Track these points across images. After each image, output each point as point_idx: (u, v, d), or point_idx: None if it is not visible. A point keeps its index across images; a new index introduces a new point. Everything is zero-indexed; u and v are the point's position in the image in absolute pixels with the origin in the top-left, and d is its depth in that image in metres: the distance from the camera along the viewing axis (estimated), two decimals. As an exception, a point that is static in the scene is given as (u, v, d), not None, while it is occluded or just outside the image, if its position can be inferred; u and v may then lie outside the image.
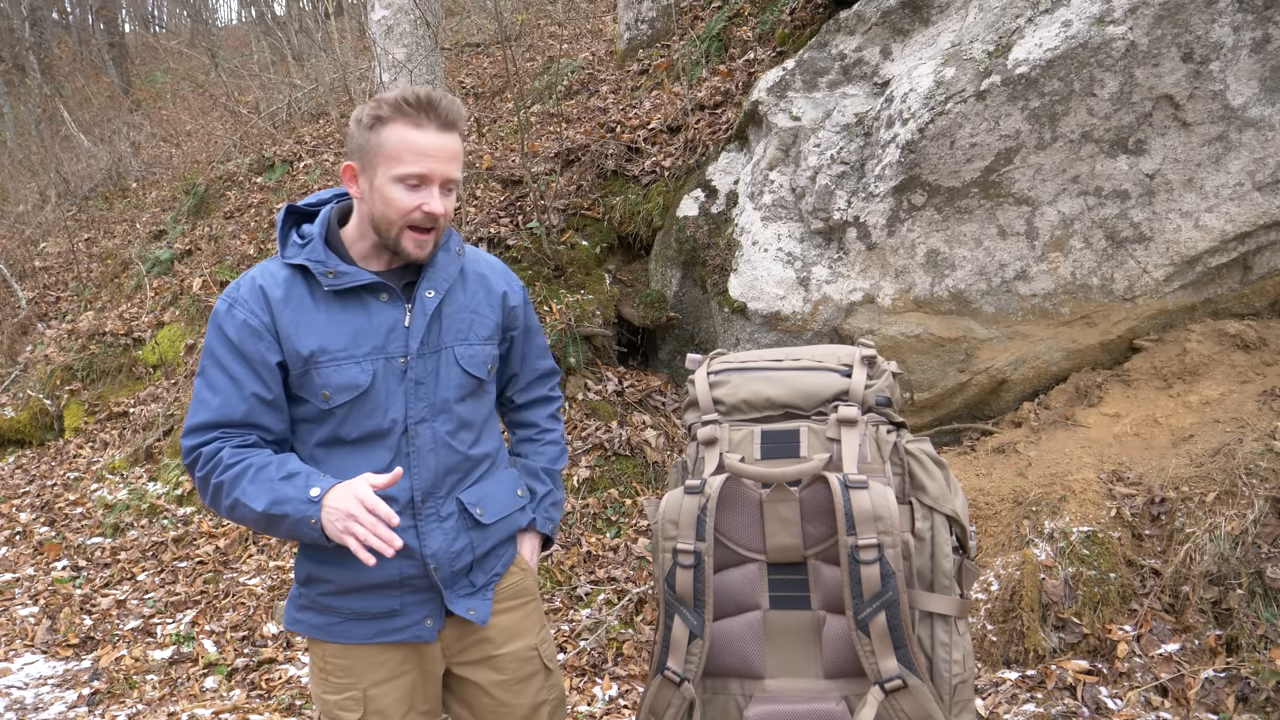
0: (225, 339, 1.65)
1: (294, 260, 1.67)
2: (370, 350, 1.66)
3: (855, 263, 3.75)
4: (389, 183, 1.59)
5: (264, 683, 3.67)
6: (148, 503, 5.41)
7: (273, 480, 1.56)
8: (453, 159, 1.61)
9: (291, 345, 1.64)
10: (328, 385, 1.64)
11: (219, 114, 11.22)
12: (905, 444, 1.60)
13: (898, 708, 1.48)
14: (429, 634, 1.73)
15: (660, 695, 1.60)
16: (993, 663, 2.99)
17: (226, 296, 1.68)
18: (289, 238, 1.73)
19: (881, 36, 3.98)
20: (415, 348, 1.68)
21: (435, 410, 1.71)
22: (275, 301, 1.65)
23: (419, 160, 1.58)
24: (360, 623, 1.72)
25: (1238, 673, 2.71)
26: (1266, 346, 3.48)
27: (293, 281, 1.67)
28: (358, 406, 1.65)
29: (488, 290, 1.82)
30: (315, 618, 1.74)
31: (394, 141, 1.58)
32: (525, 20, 9.90)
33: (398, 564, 1.68)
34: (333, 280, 1.65)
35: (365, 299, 1.67)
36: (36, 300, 8.73)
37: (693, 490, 1.56)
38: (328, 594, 1.72)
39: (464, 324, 1.76)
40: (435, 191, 1.61)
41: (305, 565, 1.73)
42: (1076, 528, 3.09)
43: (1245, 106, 3.30)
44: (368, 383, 1.65)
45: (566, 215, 5.07)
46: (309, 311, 1.66)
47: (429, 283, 1.71)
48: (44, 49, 16.18)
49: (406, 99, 1.58)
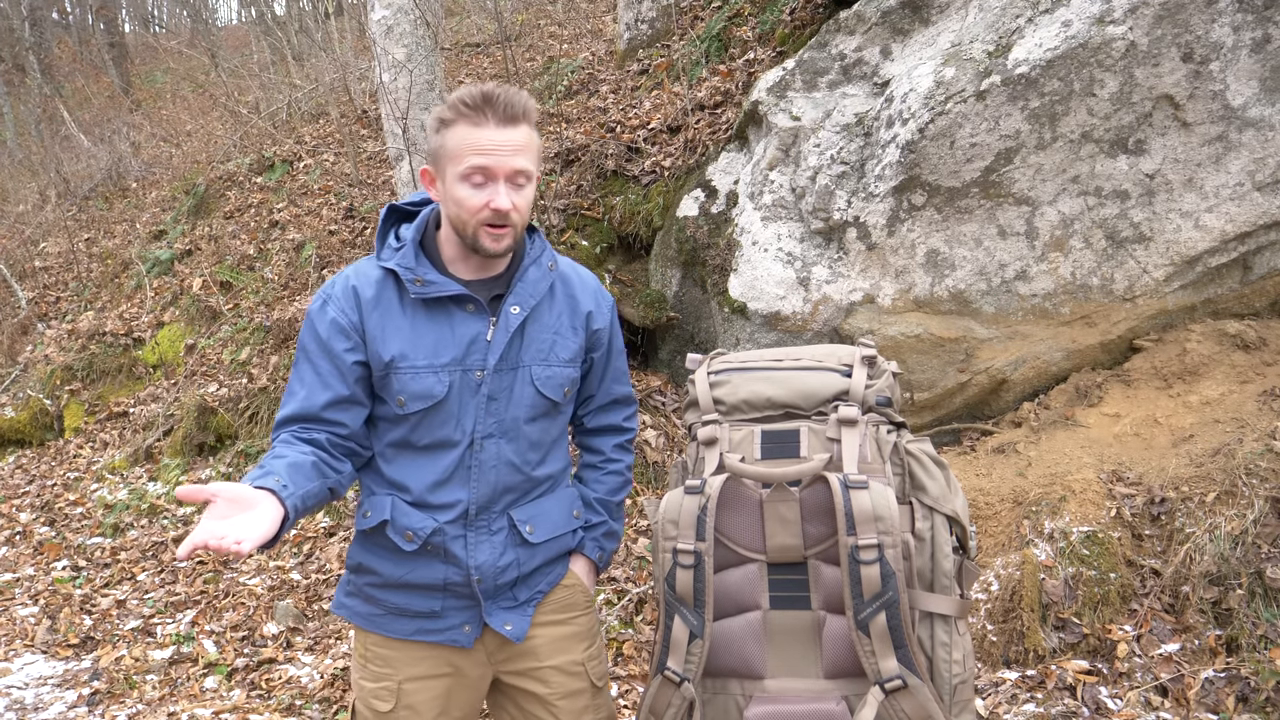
0: (316, 335, 1.68)
1: (386, 264, 1.68)
2: (449, 361, 1.66)
3: (855, 263, 3.75)
4: (456, 183, 1.60)
5: (264, 683, 3.67)
6: (148, 503, 5.41)
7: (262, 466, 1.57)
8: (517, 151, 1.60)
9: (375, 348, 1.66)
10: (404, 392, 1.65)
11: (219, 114, 11.22)
12: (905, 444, 1.60)
13: (898, 708, 1.48)
14: (465, 640, 1.74)
15: (660, 695, 1.60)
16: (993, 663, 2.99)
17: (323, 293, 1.70)
18: (386, 239, 1.74)
19: (881, 36, 3.98)
20: (493, 363, 1.67)
21: (504, 428, 1.71)
22: (365, 302, 1.67)
23: (479, 156, 1.58)
24: (402, 619, 1.74)
25: (1238, 673, 2.71)
26: (1266, 346, 3.48)
27: (384, 284, 1.68)
28: (430, 415, 1.67)
29: (573, 310, 1.79)
30: (361, 605, 1.77)
31: (455, 142, 1.60)
32: (525, 20, 9.90)
33: (443, 569, 1.71)
34: (420, 289, 1.65)
35: (450, 309, 1.68)
36: (36, 300, 8.73)
37: (693, 490, 1.56)
38: (374, 585, 1.74)
39: (545, 344, 1.74)
40: (501, 187, 1.59)
41: (357, 553, 1.76)
42: (1076, 528, 3.09)
43: (1245, 106, 3.30)
44: (443, 394, 1.66)
45: (566, 215, 5.07)
46: (395, 316, 1.67)
47: (515, 298, 1.70)
48: (44, 49, 16.18)
49: (465, 99, 1.59)
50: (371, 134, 8.34)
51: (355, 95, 9.11)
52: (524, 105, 1.61)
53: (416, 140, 5.69)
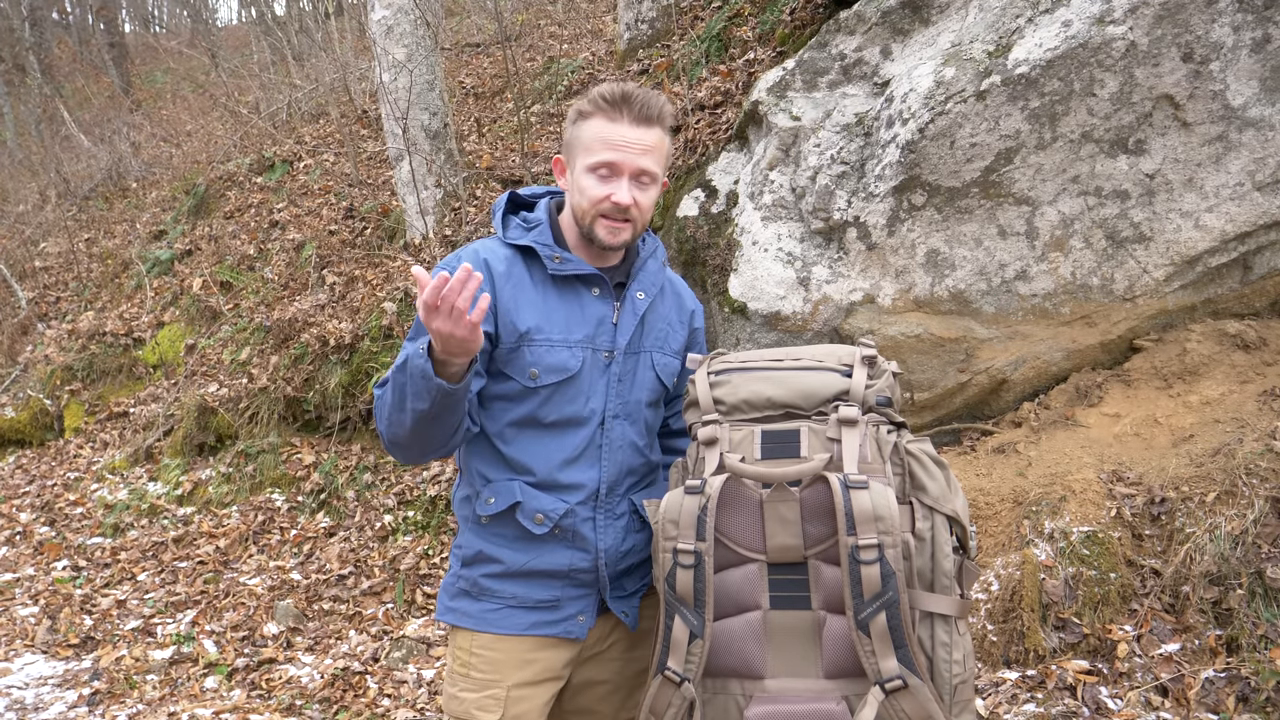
0: None
1: (519, 241, 1.71)
2: (581, 339, 1.70)
3: (855, 263, 3.75)
4: (583, 173, 1.65)
5: (264, 683, 3.67)
6: (148, 503, 5.41)
7: None
8: (646, 152, 1.64)
9: (509, 319, 1.67)
10: (538, 364, 1.67)
11: (219, 114, 11.22)
12: (905, 444, 1.60)
13: (898, 708, 1.48)
14: (580, 630, 1.73)
15: (660, 695, 1.60)
16: (993, 663, 2.99)
17: (445, 264, 1.68)
18: (509, 221, 1.77)
19: (881, 36, 3.98)
20: (623, 344, 1.73)
21: (628, 409, 1.75)
22: (498, 274, 1.68)
23: (608, 150, 1.63)
24: (518, 611, 1.71)
25: (1238, 673, 2.71)
26: (1266, 346, 3.48)
27: (514, 260, 1.71)
28: (561, 390, 1.68)
29: (680, 306, 1.88)
30: (470, 604, 1.74)
31: (589, 134, 1.65)
32: (525, 20, 9.90)
33: (569, 554, 1.70)
34: (558, 265, 1.69)
35: (579, 289, 1.72)
36: (36, 300, 8.73)
37: (693, 490, 1.56)
38: (492, 575, 1.72)
39: (662, 333, 1.81)
40: (624, 183, 1.64)
41: (474, 542, 1.74)
42: (1076, 528, 3.09)
43: (1245, 106, 3.30)
44: (577, 368, 1.68)
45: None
46: (527, 290, 1.69)
47: (639, 285, 1.77)
48: (44, 49, 16.18)
49: (604, 95, 1.64)
50: (371, 134, 8.34)
51: (355, 95, 9.11)
52: (660, 108, 1.67)
53: (416, 140, 5.68)
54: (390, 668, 3.69)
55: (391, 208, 6.64)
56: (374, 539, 4.61)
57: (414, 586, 4.22)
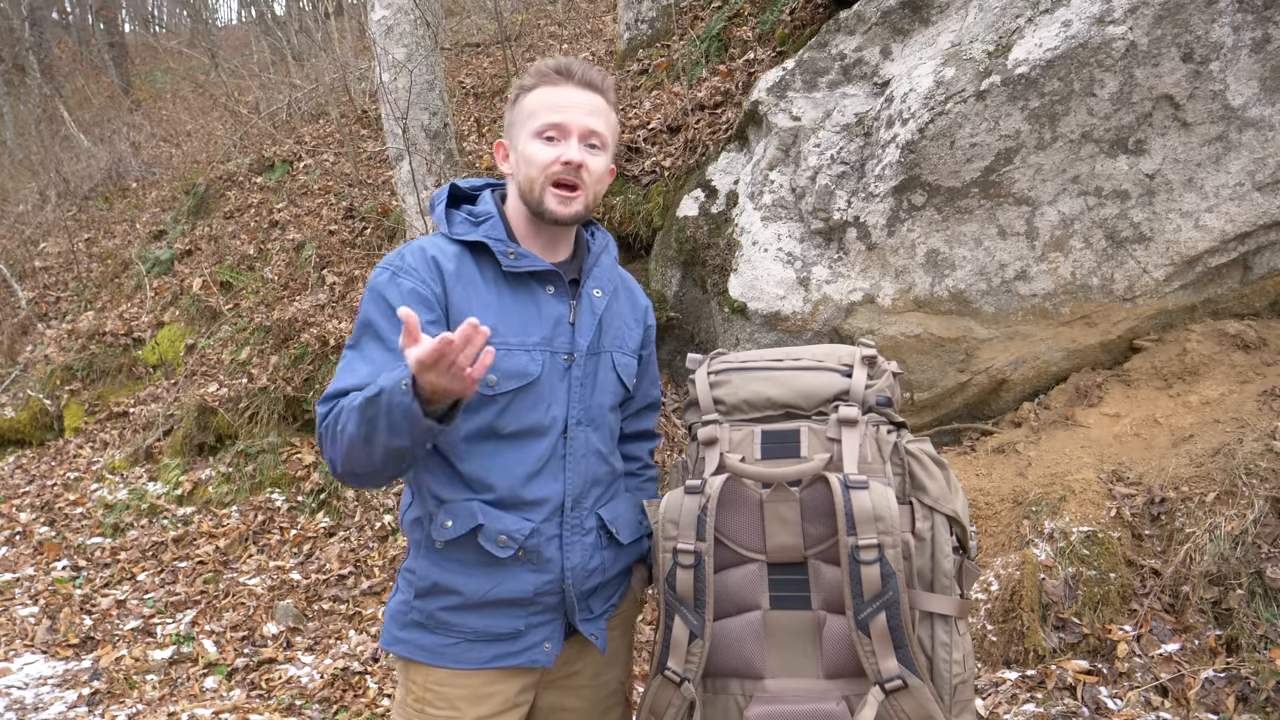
0: (387, 308, 1.52)
1: (468, 237, 1.59)
2: (539, 341, 1.59)
3: (855, 263, 3.75)
4: (529, 140, 1.56)
5: (264, 683, 3.67)
6: (148, 503, 5.41)
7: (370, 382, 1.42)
8: (592, 113, 1.56)
9: (462, 321, 1.48)
10: (495, 370, 1.54)
11: (219, 114, 11.22)
12: (905, 444, 1.60)
13: (898, 708, 1.48)
14: (546, 659, 1.62)
15: (660, 695, 1.60)
16: (993, 663, 2.99)
17: (388, 265, 1.57)
18: (454, 215, 1.64)
19: (881, 36, 3.98)
20: (584, 345, 1.62)
21: (590, 415, 1.64)
22: (448, 274, 1.56)
23: (554, 111, 1.55)
24: (479, 645, 1.58)
25: (1238, 673, 2.71)
26: (1266, 346, 3.48)
27: (462, 258, 1.59)
28: (521, 397, 1.56)
29: (634, 304, 1.78)
30: (425, 638, 1.59)
31: (533, 103, 1.57)
32: (525, 20, 9.89)
33: (533, 577, 1.58)
34: (513, 261, 1.57)
35: (533, 288, 1.60)
36: (36, 300, 8.73)
37: (693, 490, 1.56)
38: (451, 609, 1.58)
39: (620, 331, 1.72)
40: (574, 142, 1.55)
41: (429, 572, 1.59)
42: (1076, 528, 3.09)
43: (1245, 106, 3.30)
44: (537, 373, 1.57)
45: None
46: (480, 290, 1.57)
47: (595, 282, 1.66)
48: (44, 49, 16.18)
49: (545, 65, 1.58)
50: (371, 134, 8.34)
51: (355, 95, 9.11)
52: (603, 79, 1.60)
53: (416, 140, 5.68)
54: (390, 668, 3.68)
55: (391, 208, 6.64)
56: (374, 539, 4.61)
57: (414, 586, 4.21)
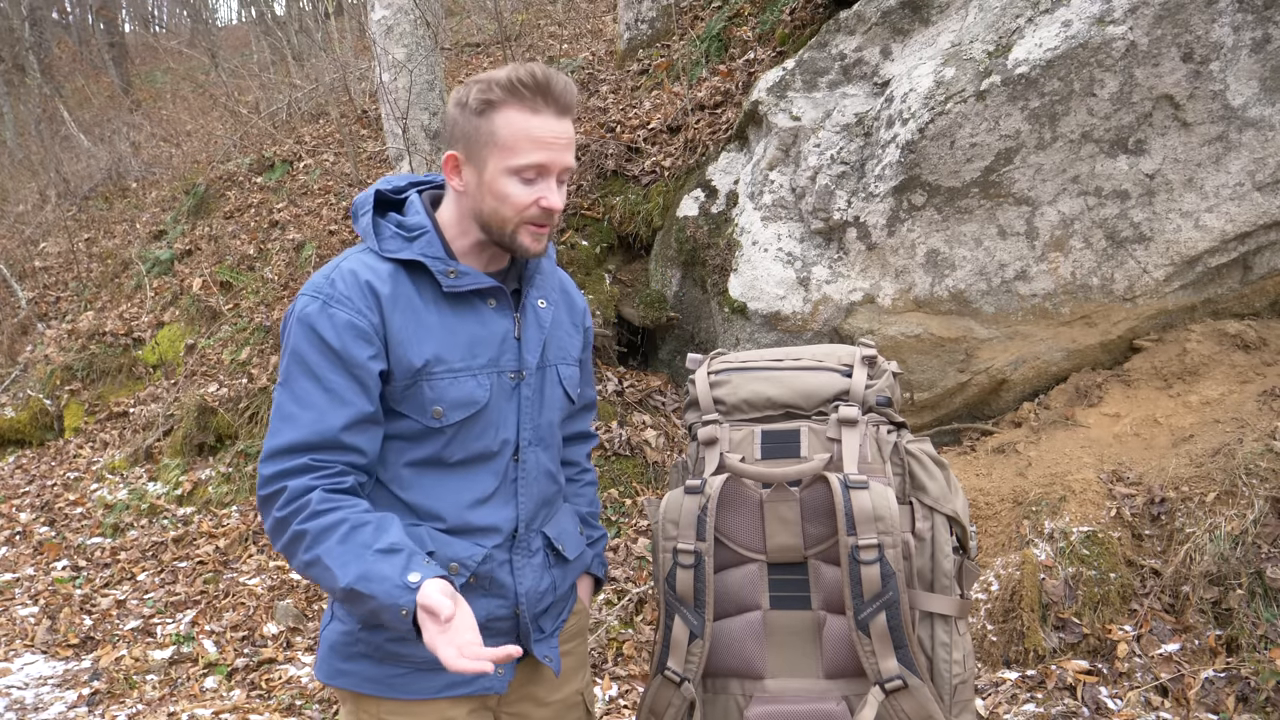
0: (321, 343, 1.40)
1: (400, 255, 1.45)
2: (486, 363, 1.48)
3: (855, 263, 3.75)
4: (502, 175, 1.41)
5: (264, 683, 3.67)
6: (148, 503, 5.41)
7: (367, 548, 1.31)
8: (569, 146, 1.43)
9: (402, 352, 1.42)
10: (441, 401, 1.44)
11: (219, 114, 11.22)
12: (906, 444, 1.60)
13: (898, 708, 1.48)
14: (499, 685, 1.53)
15: (660, 695, 1.60)
16: (993, 663, 2.99)
17: (317, 293, 1.42)
18: (382, 228, 1.49)
19: (881, 36, 3.98)
20: (532, 361, 1.52)
21: (540, 434, 1.56)
22: (384, 299, 1.42)
23: (537, 150, 1.39)
24: (429, 674, 1.48)
25: (1238, 673, 2.71)
26: (1266, 346, 3.48)
27: (396, 278, 1.45)
28: (468, 426, 1.47)
29: (571, 307, 1.67)
30: (372, 669, 1.50)
31: (508, 130, 1.39)
32: (525, 20, 9.89)
33: (486, 603, 1.51)
34: (454, 281, 1.45)
35: (476, 304, 1.49)
36: (36, 300, 8.73)
37: (693, 490, 1.56)
38: (398, 639, 1.46)
39: (562, 341, 1.62)
40: (553, 184, 1.43)
41: None
42: (1076, 528, 3.09)
43: (1245, 106, 3.30)
44: (485, 399, 1.47)
45: (566, 215, 5.07)
46: (419, 314, 1.45)
47: (539, 291, 1.56)
48: (44, 49, 16.18)
49: (521, 80, 1.39)
50: (371, 134, 8.34)
51: (355, 95, 9.11)
52: (575, 92, 1.45)
53: (416, 140, 5.68)
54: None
55: (391, 208, 6.63)
56: (374, 539, 4.60)
57: (414, 586, 4.21)
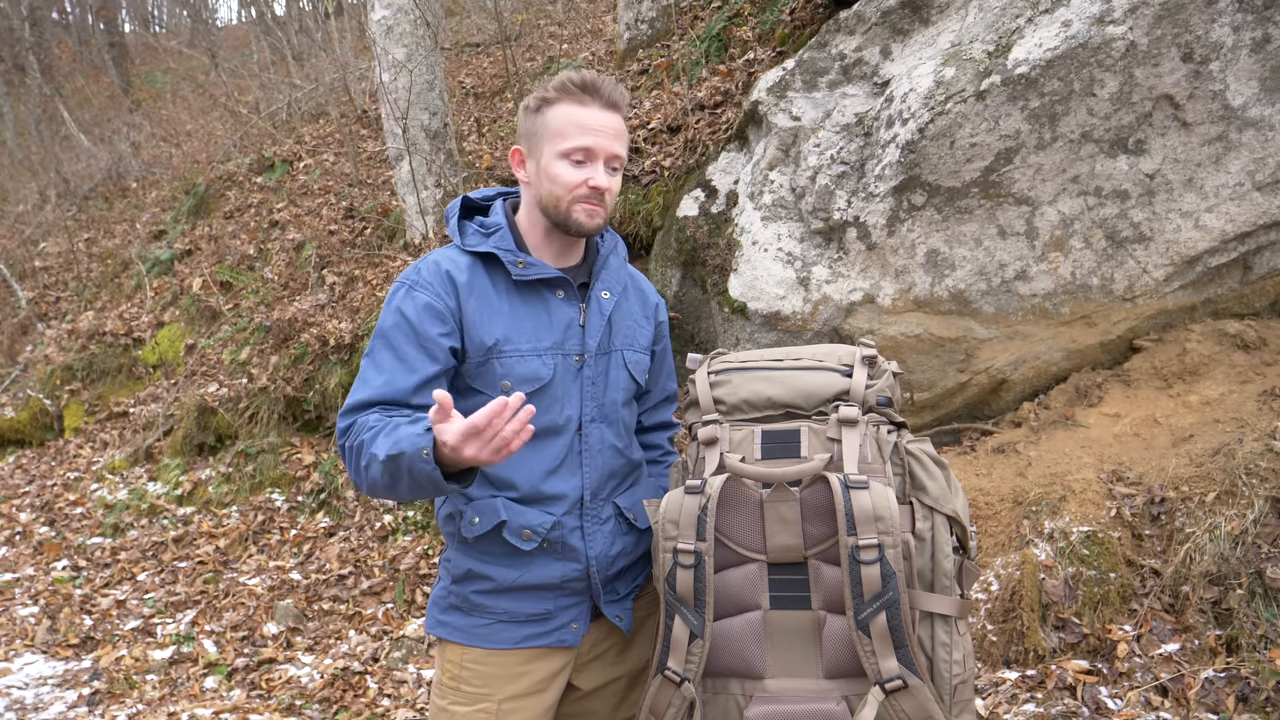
0: (403, 319, 1.62)
1: (478, 248, 1.67)
2: (550, 345, 1.67)
3: (855, 263, 3.75)
4: (555, 159, 1.62)
5: (264, 683, 3.67)
6: (148, 503, 5.41)
7: (400, 428, 1.48)
8: (617, 137, 1.64)
9: (476, 332, 1.63)
10: (510, 375, 1.63)
11: (219, 114, 11.22)
12: (906, 444, 1.60)
13: (898, 708, 1.48)
14: (574, 638, 1.71)
15: (660, 695, 1.60)
16: (993, 663, 2.99)
17: (405, 280, 1.66)
18: (466, 227, 1.72)
19: (881, 36, 3.98)
20: (593, 346, 1.69)
21: (604, 412, 1.72)
22: (461, 286, 1.64)
23: (583, 135, 1.61)
24: (510, 626, 1.69)
25: (1238, 673, 2.71)
26: (1266, 346, 3.48)
27: (475, 269, 1.67)
28: (536, 400, 1.64)
29: (643, 301, 1.85)
30: (461, 619, 1.71)
31: (559, 120, 1.62)
32: (525, 20, 9.89)
33: (560, 566, 1.68)
34: (522, 270, 1.65)
35: (544, 294, 1.68)
36: (36, 300, 8.73)
37: (693, 490, 1.56)
38: (483, 592, 1.69)
39: (630, 330, 1.79)
40: (600, 167, 1.62)
41: (464, 561, 1.69)
42: (1076, 528, 3.09)
43: (1245, 106, 3.30)
44: (549, 376, 1.65)
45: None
46: (492, 300, 1.65)
47: (603, 284, 1.74)
48: (44, 49, 16.18)
49: (571, 80, 1.62)
50: (371, 134, 8.34)
51: (355, 95, 9.11)
52: (624, 94, 1.66)
53: (416, 140, 5.68)
54: (390, 668, 3.69)
55: (391, 208, 6.64)
56: (374, 539, 4.61)
57: (414, 586, 4.22)
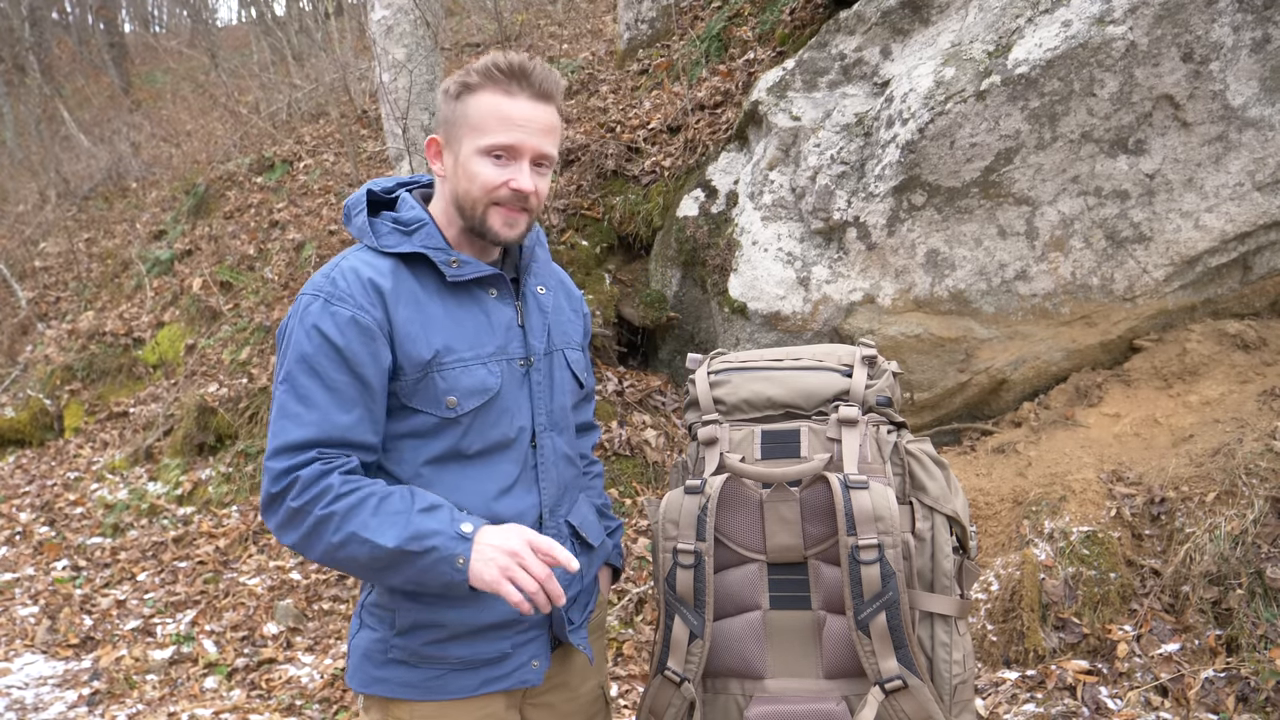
0: (325, 341, 1.39)
1: (401, 249, 1.46)
2: (494, 350, 1.49)
3: (855, 263, 3.75)
4: (474, 155, 1.43)
5: (264, 683, 3.67)
6: (148, 503, 5.41)
7: (406, 512, 1.33)
8: (547, 133, 1.44)
9: (411, 346, 1.42)
10: (454, 390, 1.44)
11: (219, 114, 11.22)
12: (906, 444, 1.60)
13: (898, 708, 1.48)
14: (535, 676, 1.55)
15: (660, 695, 1.59)
16: (993, 663, 2.99)
17: (318, 291, 1.42)
18: (378, 225, 1.50)
19: (881, 36, 3.98)
20: (539, 347, 1.54)
21: (554, 419, 1.57)
22: (387, 294, 1.42)
23: (507, 130, 1.41)
24: (466, 673, 1.50)
25: (1238, 673, 2.71)
26: (1266, 346, 3.48)
27: (398, 273, 1.45)
28: (484, 414, 1.46)
29: (569, 295, 1.70)
30: (407, 674, 1.49)
31: (481, 111, 1.42)
32: (525, 20, 9.89)
33: None
34: (457, 270, 1.45)
35: (477, 294, 1.50)
36: (36, 300, 8.74)
37: (693, 490, 1.56)
38: (434, 642, 1.48)
39: (566, 327, 1.64)
40: (524, 167, 1.43)
41: (411, 613, 1.48)
42: (1076, 528, 3.09)
43: (1245, 106, 3.30)
44: (497, 385, 1.47)
45: (566, 215, 5.07)
46: (424, 306, 1.45)
47: (536, 279, 1.58)
48: (44, 49, 16.19)
49: (498, 65, 1.42)
50: (371, 134, 8.34)
51: (355, 95, 9.11)
52: (557, 82, 1.46)
53: (416, 140, 5.68)
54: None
55: (391, 208, 6.63)
56: (374, 539, 4.60)
57: (414, 586, 4.21)
